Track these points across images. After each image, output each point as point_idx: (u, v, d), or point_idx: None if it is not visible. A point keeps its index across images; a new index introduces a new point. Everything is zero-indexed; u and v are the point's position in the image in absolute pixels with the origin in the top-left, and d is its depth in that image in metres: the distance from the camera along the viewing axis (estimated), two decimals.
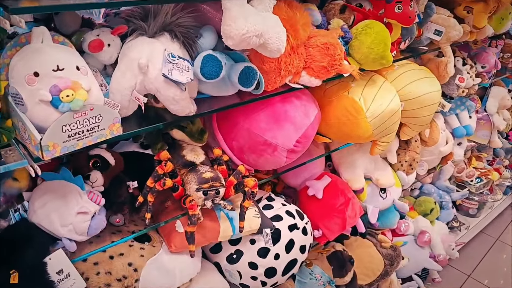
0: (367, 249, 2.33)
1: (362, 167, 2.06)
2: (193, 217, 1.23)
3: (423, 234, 2.56)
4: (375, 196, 2.14)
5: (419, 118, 1.91)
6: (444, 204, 2.83)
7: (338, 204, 1.88)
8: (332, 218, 1.87)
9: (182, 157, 1.36)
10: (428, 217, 2.71)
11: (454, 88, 2.25)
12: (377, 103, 1.64)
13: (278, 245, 1.56)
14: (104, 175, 1.24)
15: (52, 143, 0.93)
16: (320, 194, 1.87)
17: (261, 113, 1.41)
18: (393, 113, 1.69)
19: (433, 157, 2.44)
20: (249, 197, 1.38)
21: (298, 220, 1.65)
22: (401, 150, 2.24)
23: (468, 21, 2.04)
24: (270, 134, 1.39)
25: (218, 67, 1.14)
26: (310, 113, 1.49)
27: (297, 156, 1.49)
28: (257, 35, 1.04)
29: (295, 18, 1.31)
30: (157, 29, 1.11)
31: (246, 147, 1.43)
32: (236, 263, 1.56)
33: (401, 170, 2.23)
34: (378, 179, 2.09)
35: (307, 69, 1.41)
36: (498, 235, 3.34)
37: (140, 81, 1.06)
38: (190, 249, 1.29)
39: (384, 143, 1.81)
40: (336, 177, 2.00)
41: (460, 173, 3.02)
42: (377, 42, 1.53)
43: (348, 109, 1.64)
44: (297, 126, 1.42)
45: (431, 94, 1.86)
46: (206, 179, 1.29)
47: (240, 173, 1.39)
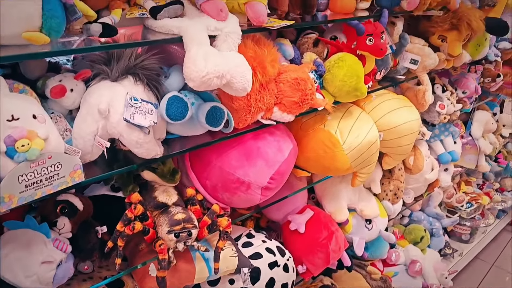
0: (356, 282, 2.27)
1: (346, 199, 2.03)
2: (163, 261, 1.20)
3: (414, 264, 2.51)
4: (361, 227, 2.10)
5: (399, 148, 1.90)
6: (434, 231, 2.78)
7: (322, 238, 1.84)
8: (315, 252, 1.83)
9: (154, 199, 1.33)
10: (419, 245, 2.67)
11: (435, 115, 2.25)
12: (354, 135, 1.63)
13: (257, 285, 1.52)
14: (72, 221, 1.21)
15: (8, 194, 0.90)
16: (302, 228, 1.83)
17: (233, 151, 1.39)
18: (371, 144, 1.67)
19: (419, 184, 2.42)
20: (223, 237, 1.35)
21: (278, 257, 1.61)
22: (385, 179, 2.22)
23: (443, 49, 2.06)
24: (242, 172, 1.37)
25: (183, 108, 1.14)
26: (284, 148, 1.47)
27: (272, 193, 1.47)
28: (218, 76, 1.04)
29: (263, 55, 1.31)
30: (119, 72, 1.11)
31: (220, 185, 1.41)
32: None
33: (386, 199, 2.20)
34: (363, 210, 2.06)
35: (278, 104, 1.41)
36: (494, 260, 3.27)
37: (102, 126, 1.05)
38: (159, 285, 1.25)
39: (365, 174, 1.79)
40: (319, 210, 1.97)
41: (450, 199, 2.99)
42: (350, 74, 1.54)
43: (325, 142, 1.63)
44: (270, 162, 1.41)
45: (410, 123, 1.86)
46: (177, 221, 1.26)
47: (214, 213, 1.36)
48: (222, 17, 1.15)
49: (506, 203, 3.34)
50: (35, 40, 0.91)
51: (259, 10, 1.23)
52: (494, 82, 2.72)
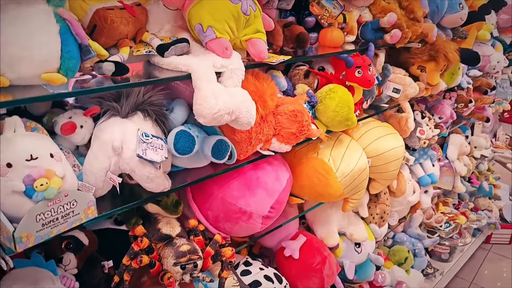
0: None
1: (336, 223, 2.09)
2: None
3: (400, 285, 2.57)
4: (350, 251, 2.15)
5: (386, 173, 1.98)
6: (417, 251, 2.87)
7: (315, 263, 1.88)
8: (310, 278, 1.86)
9: (158, 231, 1.35)
10: (403, 266, 2.74)
11: (415, 141, 2.36)
12: (346, 162, 1.70)
13: None
14: (78, 256, 1.21)
15: (25, 234, 0.91)
16: (297, 254, 1.87)
17: (234, 181, 1.43)
18: (361, 171, 1.74)
19: (402, 207, 2.51)
20: (227, 267, 1.37)
21: (277, 284, 1.63)
22: (371, 203, 2.29)
23: (422, 79, 2.18)
24: (243, 202, 1.41)
25: (191, 142, 1.17)
26: (282, 178, 1.52)
27: (272, 221, 1.50)
28: (228, 112, 1.09)
29: (263, 89, 1.37)
30: (129, 109, 1.14)
31: (221, 216, 1.43)
32: None
33: (373, 222, 2.27)
34: (352, 234, 2.12)
35: (277, 136, 1.46)
36: (472, 278, 3.38)
37: (115, 162, 1.07)
38: None
39: (355, 200, 1.85)
40: (311, 236, 2.01)
41: (429, 219, 3.09)
42: (341, 105, 1.61)
43: (319, 170, 1.69)
44: (270, 192, 1.45)
45: (396, 149, 1.95)
46: (183, 253, 1.28)
47: (216, 243, 1.38)
48: (228, 55, 1.20)
49: (480, 222, 3.48)
50: (54, 81, 0.93)
51: (260, 47, 1.30)
52: (466, 107, 2.87)
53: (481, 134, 3.62)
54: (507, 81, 3.71)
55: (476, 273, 3.45)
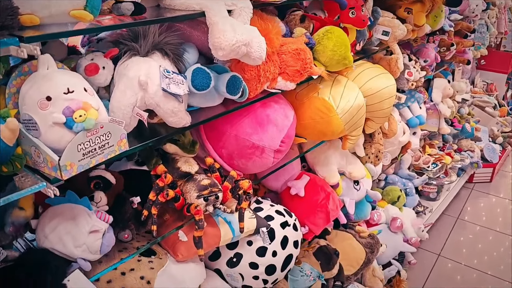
0: (348, 241, 2.46)
1: (336, 163, 2.20)
2: (200, 221, 1.30)
3: (395, 220, 2.73)
4: (350, 189, 2.28)
5: (380, 111, 2.09)
6: (408, 191, 3.03)
7: (320, 199, 2.00)
8: (316, 213, 1.98)
9: (178, 169, 1.42)
10: (396, 204, 2.90)
11: (404, 82, 2.46)
12: (345, 100, 1.79)
13: (274, 243, 1.64)
14: (107, 194, 1.28)
15: (69, 162, 0.97)
16: (302, 192, 1.98)
17: (246, 119, 1.50)
18: (359, 108, 1.84)
19: (394, 147, 2.64)
20: (246, 198, 1.46)
21: (288, 217, 1.75)
22: (366, 143, 2.41)
23: (409, 21, 2.26)
24: (256, 137, 1.49)
25: (207, 79, 1.23)
26: (289, 114, 1.60)
27: (282, 155, 1.59)
28: (245, 44, 1.15)
29: (268, 29, 1.43)
30: (148, 48, 1.19)
31: (236, 153, 1.52)
32: (237, 266, 1.62)
33: (369, 162, 2.40)
34: (351, 172, 2.24)
35: (282, 74, 1.53)
36: (458, 215, 3.60)
37: (141, 97, 1.13)
38: (199, 253, 1.34)
39: (354, 137, 1.96)
40: (314, 176, 2.12)
41: (417, 161, 3.25)
42: (339, 44, 1.69)
43: (320, 108, 1.77)
44: (279, 127, 1.53)
45: (389, 88, 2.05)
46: (205, 186, 1.36)
47: (233, 178, 1.47)
48: None
49: (464, 161, 3.67)
50: (82, 18, 0.98)
51: None
52: (448, 51, 2.99)
53: (461, 80, 3.77)
54: (484, 26, 3.84)
55: (461, 210, 3.68)
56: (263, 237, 1.60)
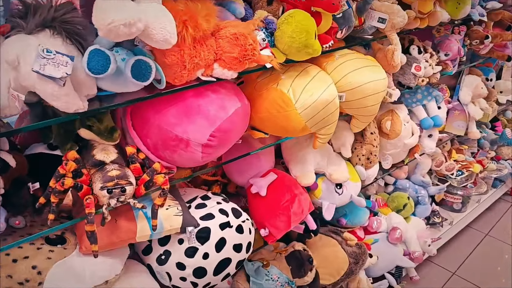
0: (331, 248, 2.26)
1: (313, 163, 2.00)
2: (90, 215, 1.21)
3: (394, 231, 2.47)
4: (331, 192, 2.07)
5: (364, 109, 1.85)
6: (420, 199, 2.73)
7: (283, 201, 1.83)
8: (277, 215, 1.81)
9: (92, 157, 1.33)
10: (402, 213, 2.62)
11: (410, 78, 2.17)
12: (307, 93, 1.59)
13: (207, 244, 1.51)
14: (4, 177, 1.23)
15: None
16: (263, 191, 1.82)
17: (172, 108, 1.38)
18: (327, 103, 1.63)
19: (397, 150, 2.36)
20: (160, 194, 1.34)
21: (232, 218, 1.60)
22: (357, 144, 2.17)
23: (414, 7, 1.97)
24: (180, 129, 1.36)
25: (105, 61, 1.12)
26: (228, 106, 1.45)
27: (215, 151, 1.44)
28: (125, 24, 1.02)
29: (196, 10, 1.28)
30: (35, 25, 1.10)
31: (159, 143, 1.40)
32: (165, 264, 1.52)
33: (359, 164, 2.16)
34: (331, 174, 2.03)
35: (218, 61, 1.38)
36: (488, 231, 3.20)
37: (14, 78, 1.05)
38: (93, 249, 1.26)
39: (324, 135, 1.75)
40: (284, 174, 1.94)
41: (439, 167, 2.91)
42: (298, 30, 1.49)
43: (277, 101, 1.60)
44: (210, 119, 1.38)
45: (374, 82, 1.80)
46: (111, 177, 1.27)
47: (154, 171, 1.35)
48: None
49: (501, 171, 3.24)
50: None
51: None
52: (482, 44, 2.61)
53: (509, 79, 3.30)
54: None
55: (494, 225, 3.25)
56: (188, 237, 1.48)
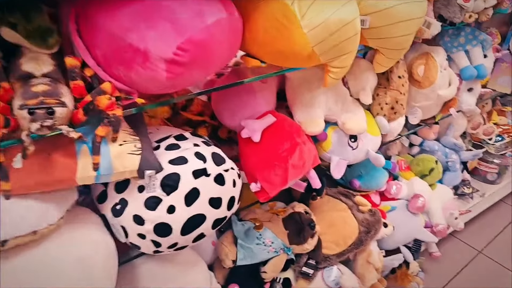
0: (339, 213, 1.92)
1: (323, 107, 1.62)
2: None
3: (416, 199, 2.10)
4: (343, 145, 1.70)
5: (392, 40, 1.43)
6: (450, 164, 2.33)
7: (282, 150, 1.47)
8: (272, 167, 1.46)
9: (19, 66, 1.00)
10: (427, 178, 2.24)
11: (456, 10, 1.73)
12: (318, 8, 1.19)
13: (174, 195, 1.18)
14: None
15: None
16: (257, 136, 1.46)
17: (127, 8, 1.01)
18: (343, 25, 1.23)
19: (429, 102, 1.95)
20: (105, 123, 1.00)
21: (210, 165, 1.25)
22: (380, 89, 1.77)
23: None
24: (135, 36, 0.99)
25: None
26: (208, 14, 1.06)
27: (185, 71, 1.07)
28: None
29: None
30: None
31: (111, 56, 1.04)
32: (120, 216, 1.19)
33: (381, 114, 1.77)
34: (345, 123, 1.65)
35: None
36: None
37: None
38: (2, 187, 0.94)
39: (338, 68, 1.36)
40: (284, 118, 1.58)
41: (475, 129, 2.49)
42: None
43: (277, 16, 1.21)
44: (180, 26, 1.01)
45: (409, 5, 1.38)
46: (34, 93, 0.93)
47: (101, 91, 1.01)
48: None
49: None
50: None
51: None
52: None
53: None
54: None
55: None
56: (147, 184, 1.15)
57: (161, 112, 1.47)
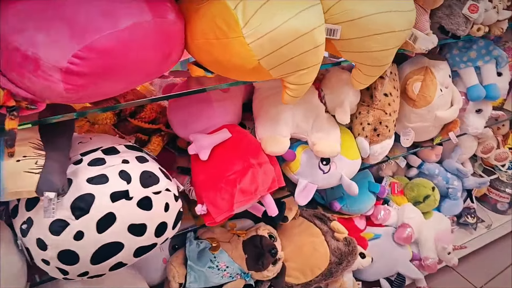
0: (310, 239, 1.74)
1: (290, 124, 1.43)
2: None
3: (402, 229, 1.88)
4: (313, 167, 1.51)
5: (365, 54, 1.22)
6: (450, 191, 2.08)
7: (231, 172, 1.30)
8: (218, 190, 1.30)
9: None
10: (421, 206, 2.01)
11: (459, 21, 1.48)
12: (266, 15, 1.00)
13: (84, 219, 1.03)
14: None
15: None
16: (205, 154, 1.30)
17: (17, 6, 0.85)
18: (297, 36, 1.03)
19: (426, 124, 1.71)
20: None
21: (135, 186, 1.10)
22: (363, 106, 1.56)
23: None
24: (23, 40, 0.84)
25: None
26: (122, 16, 0.90)
27: (93, 82, 0.91)
28: None
29: None
30: None
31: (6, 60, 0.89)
32: (26, 237, 1.06)
33: (363, 135, 1.55)
34: (314, 144, 1.45)
35: None
36: None
37: None
38: None
39: (295, 85, 1.16)
40: (244, 135, 1.40)
41: (487, 154, 2.22)
42: None
43: (217, 21, 1.02)
44: (79, 30, 0.85)
45: (387, 15, 1.15)
46: None
47: None
48: None
49: None
50: None
51: None
52: None
53: None
54: None
55: None
56: (46, 207, 1.00)
57: (103, 118, 1.33)
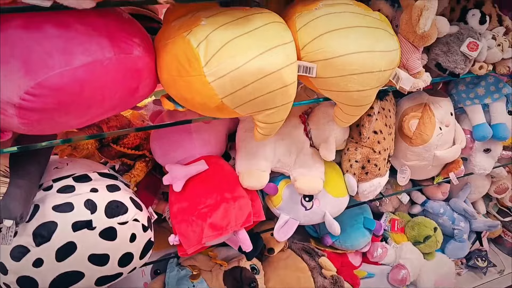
0: (295, 273, 1.69)
1: (270, 158, 1.41)
2: None
3: (397, 270, 1.79)
4: (295, 203, 1.47)
5: (342, 94, 1.18)
6: (456, 233, 1.97)
7: (203, 205, 1.29)
8: (190, 222, 1.29)
9: None
10: (421, 246, 1.91)
11: (457, 59, 1.41)
12: (228, 53, 0.99)
13: (45, 247, 1.05)
14: None
15: None
16: (178, 186, 1.30)
17: None
18: (262, 76, 1.01)
19: (424, 162, 1.63)
20: None
21: (99, 216, 1.11)
22: (352, 143, 1.51)
23: None
24: None
25: None
26: (80, 54, 0.91)
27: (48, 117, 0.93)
28: None
29: None
30: None
31: None
32: None
33: (351, 173, 1.50)
34: (296, 180, 1.41)
35: None
36: None
37: None
38: None
39: (265, 123, 1.14)
40: (222, 167, 1.39)
41: (501, 194, 2.09)
42: None
43: (180, 58, 1.03)
44: (32, 67, 0.87)
45: (364, 54, 1.11)
46: None
47: None
48: None
49: None
50: None
51: None
52: None
53: None
54: None
55: None
56: (4, 234, 1.03)
57: (84, 143, 1.35)
